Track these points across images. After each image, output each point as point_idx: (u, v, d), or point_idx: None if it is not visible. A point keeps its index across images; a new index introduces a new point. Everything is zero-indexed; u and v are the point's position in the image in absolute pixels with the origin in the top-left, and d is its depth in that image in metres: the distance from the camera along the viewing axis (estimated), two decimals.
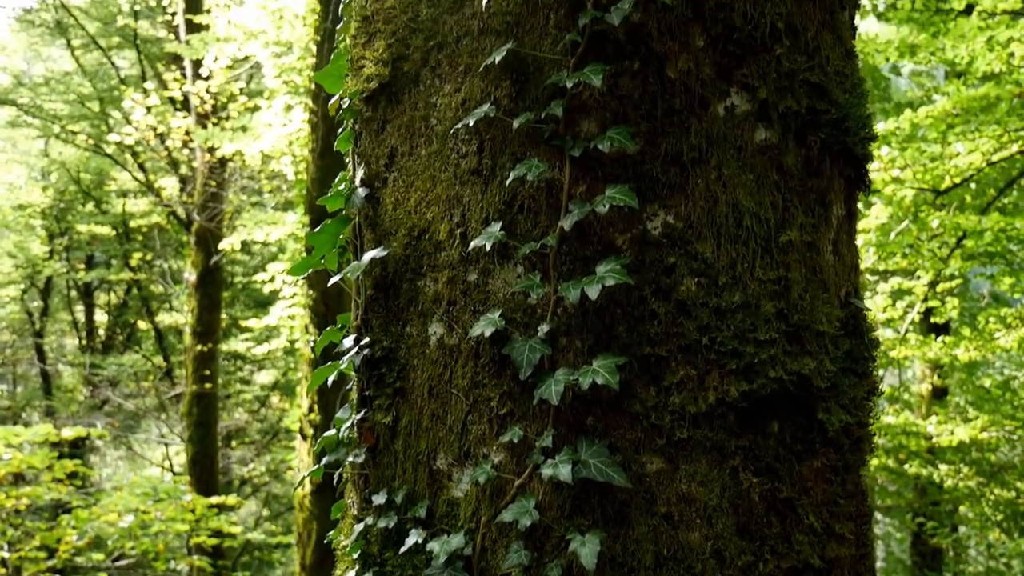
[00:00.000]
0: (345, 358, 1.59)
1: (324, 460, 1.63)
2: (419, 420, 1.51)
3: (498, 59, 1.43)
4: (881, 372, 10.82)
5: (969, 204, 9.39)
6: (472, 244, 1.44)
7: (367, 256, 1.56)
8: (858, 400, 1.48)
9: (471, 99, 1.49)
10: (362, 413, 1.57)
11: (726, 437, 1.38)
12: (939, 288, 9.50)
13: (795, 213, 1.48)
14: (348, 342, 1.61)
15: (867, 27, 9.56)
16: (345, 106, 1.66)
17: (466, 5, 1.51)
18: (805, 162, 1.50)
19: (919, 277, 9.26)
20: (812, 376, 1.41)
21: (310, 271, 1.73)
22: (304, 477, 1.75)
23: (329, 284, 1.85)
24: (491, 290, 1.46)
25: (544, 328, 1.40)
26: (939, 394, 11.41)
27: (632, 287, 1.39)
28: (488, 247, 1.42)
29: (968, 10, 7.74)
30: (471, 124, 1.45)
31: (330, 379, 1.70)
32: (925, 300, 9.26)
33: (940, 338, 8.92)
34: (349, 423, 1.60)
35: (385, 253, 1.55)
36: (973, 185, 9.66)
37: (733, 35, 1.45)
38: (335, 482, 1.62)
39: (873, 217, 8.29)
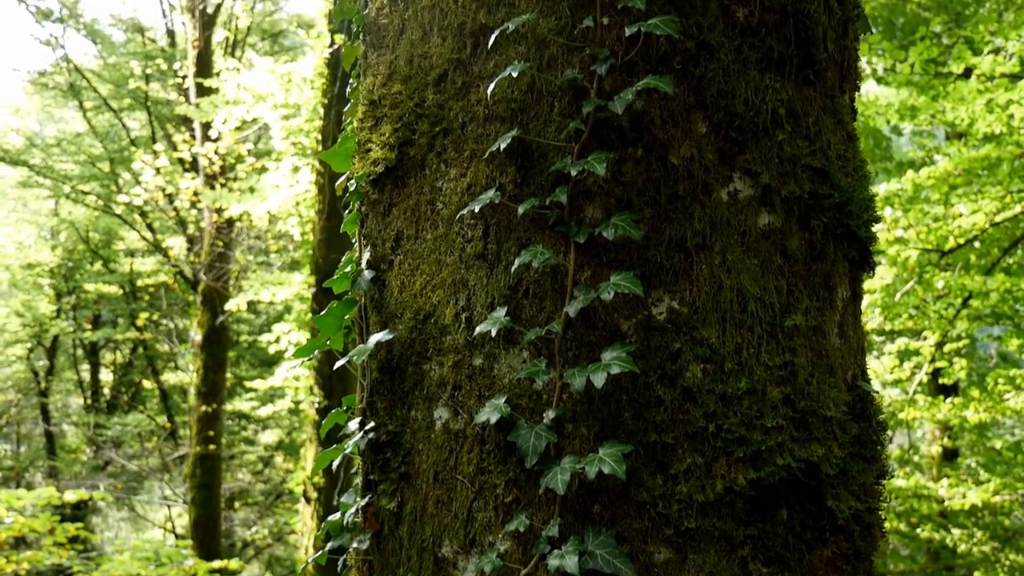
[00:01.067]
0: (350, 442, 1.58)
1: (328, 546, 1.61)
2: (424, 506, 1.49)
3: (503, 146, 1.45)
4: (890, 433, 10.72)
5: (974, 264, 9.39)
6: (477, 330, 1.44)
7: (373, 339, 1.56)
8: (868, 486, 1.46)
9: (476, 184, 1.51)
10: (367, 498, 1.55)
11: (734, 526, 1.36)
12: (946, 349, 9.46)
13: (800, 297, 1.48)
14: (353, 425, 1.60)
15: (867, 88, 9.68)
16: (352, 188, 1.68)
17: (471, 92, 1.53)
18: (809, 246, 1.51)
19: (926, 338, 9.23)
20: (821, 463, 1.40)
21: (311, 327, 1.74)
22: (307, 563, 1.73)
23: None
24: (496, 375, 1.46)
25: (550, 415, 1.39)
26: (950, 455, 11.28)
27: (638, 374, 1.38)
28: (493, 333, 1.42)
29: (967, 73, 7.84)
30: (476, 210, 1.46)
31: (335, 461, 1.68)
32: (932, 361, 9.21)
33: (949, 399, 8.85)
34: (354, 508, 1.58)
35: (391, 337, 1.55)
36: (977, 244, 9.66)
37: (735, 121, 1.47)
38: (339, 569, 1.60)
39: (878, 278, 8.31)
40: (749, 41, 1.49)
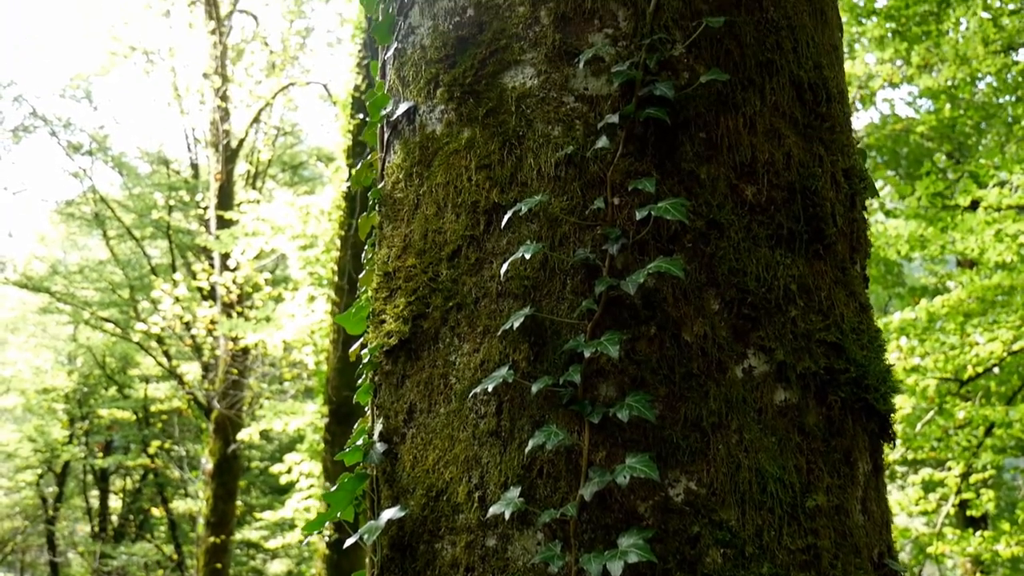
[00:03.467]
0: None
1: None
2: None
3: (516, 324, 1.46)
4: (918, 568, 10.34)
5: (994, 392, 9.27)
6: (490, 511, 1.41)
7: (384, 517, 1.53)
8: None
9: (489, 360, 1.51)
10: None
11: None
12: (972, 479, 9.23)
13: (820, 475, 1.45)
14: None
15: (876, 218, 9.80)
16: (365, 360, 1.68)
17: (485, 268, 1.55)
18: (827, 422, 1.49)
19: (950, 468, 9.02)
20: None
21: (323, 457, 1.70)
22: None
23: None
24: (510, 557, 1.42)
25: None
26: None
27: (656, 562, 1.34)
28: (507, 514, 1.39)
29: (973, 205, 7.95)
30: (490, 389, 1.46)
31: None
32: (959, 492, 8.97)
33: (979, 532, 8.57)
34: None
35: (403, 514, 1.52)
36: (996, 370, 9.56)
37: (747, 298, 1.48)
38: None
39: (897, 407, 8.21)
40: (758, 218, 1.52)
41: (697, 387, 1.43)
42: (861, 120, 12.65)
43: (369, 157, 1.90)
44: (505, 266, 1.50)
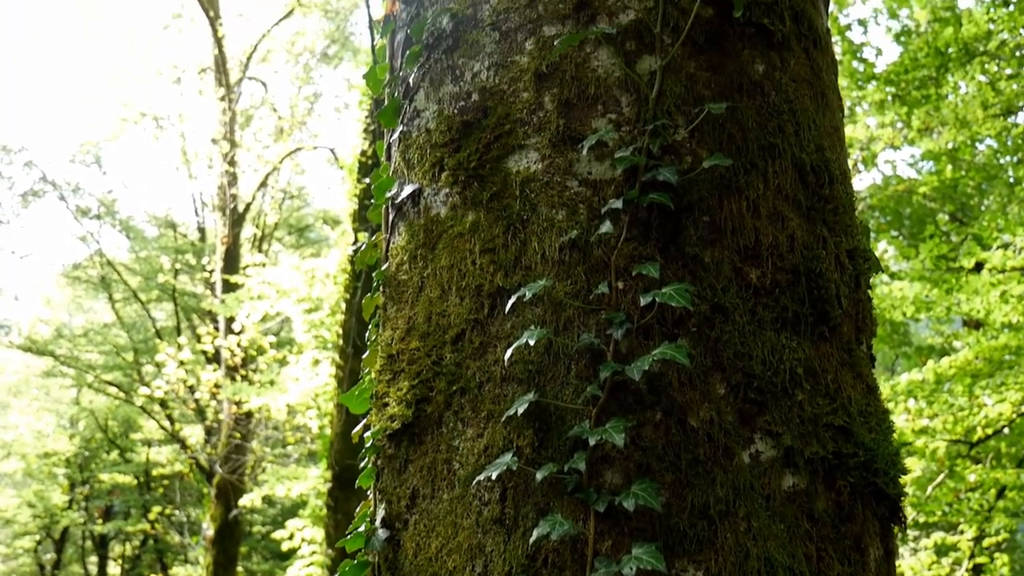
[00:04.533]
0: None
1: None
2: None
3: (520, 410, 1.44)
4: None
5: (1005, 454, 9.16)
6: None
7: None
8: None
9: (493, 446, 1.49)
10: None
11: None
12: (985, 543, 9.07)
13: (831, 563, 1.42)
14: None
15: (881, 279, 9.80)
16: (368, 444, 1.67)
17: (489, 351, 1.55)
18: (836, 507, 1.46)
19: (963, 532, 8.88)
20: None
21: (325, 523, 1.67)
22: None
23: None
24: None
25: None
26: None
27: None
28: None
29: (978, 267, 7.95)
30: (494, 476, 1.44)
31: None
32: (972, 557, 8.81)
33: None
34: None
35: None
36: (1006, 431, 9.46)
37: (753, 383, 1.47)
38: None
39: (906, 486, 8.11)
40: (763, 301, 1.51)
41: (704, 474, 1.41)
42: (864, 181, 12.75)
43: (374, 237, 1.91)
44: (509, 352, 1.49)
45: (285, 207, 17.62)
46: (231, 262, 13.95)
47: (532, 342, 1.45)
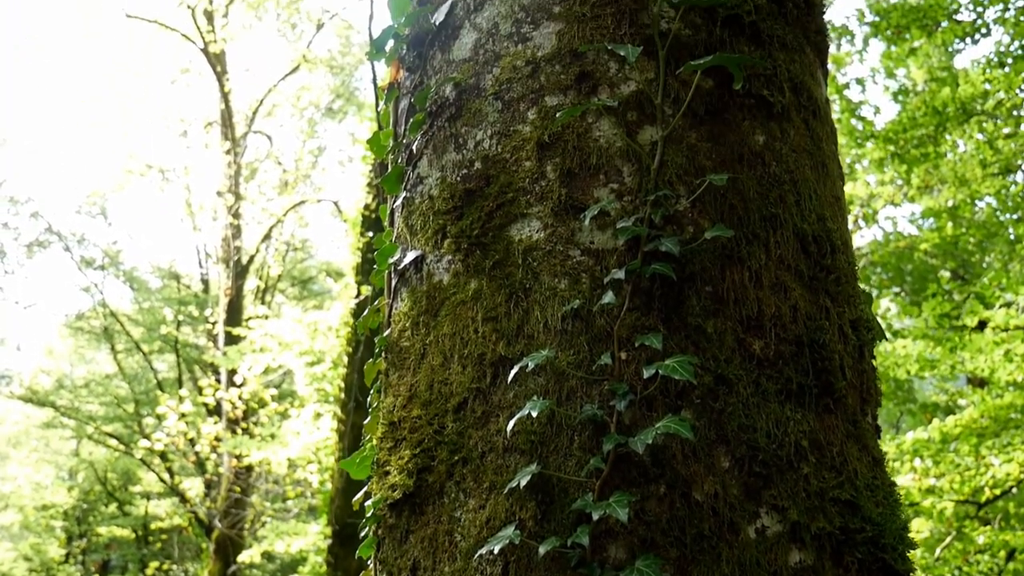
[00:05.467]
0: None
1: None
2: None
3: (523, 482, 1.43)
4: None
5: (1013, 515, 9.04)
6: None
7: None
8: None
9: (495, 518, 1.47)
10: None
11: None
12: None
13: None
14: None
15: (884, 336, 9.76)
16: (369, 513, 1.65)
17: (491, 421, 1.53)
18: None
19: None
20: None
21: None
22: None
23: None
24: None
25: None
26: None
27: None
28: None
29: (981, 326, 7.94)
30: (496, 550, 1.42)
31: None
32: None
33: None
34: None
35: None
36: (1015, 491, 9.35)
37: (758, 455, 1.45)
38: None
39: (914, 531, 7.98)
40: (767, 373, 1.50)
41: (709, 549, 1.39)
42: (865, 238, 12.79)
43: (376, 303, 1.91)
44: (512, 423, 1.48)
45: (288, 259, 17.69)
46: (234, 314, 13.96)
47: (535, 413, 1.43)
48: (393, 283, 1.82)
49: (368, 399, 1.88)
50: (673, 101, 1.63)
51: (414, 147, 1.83)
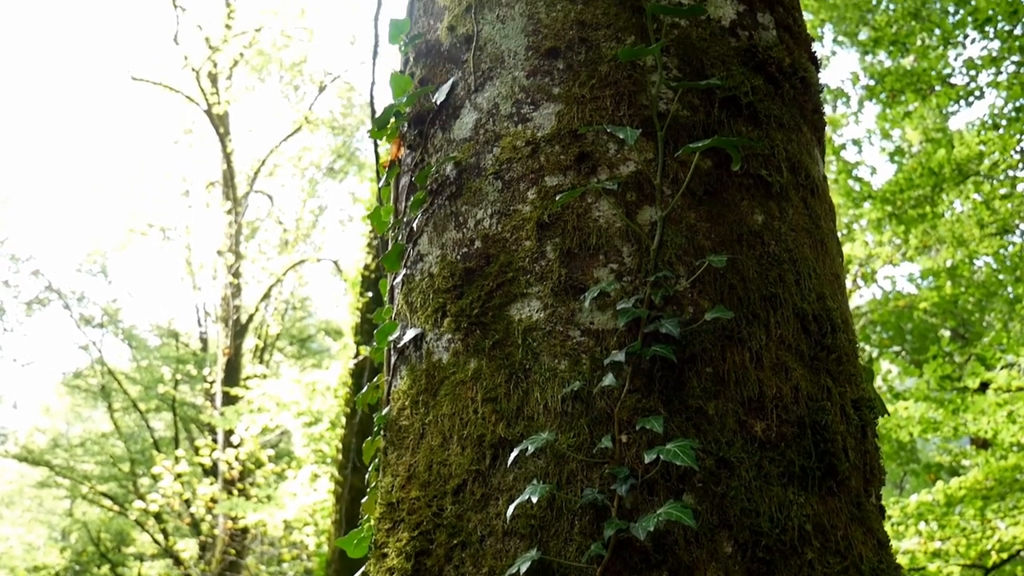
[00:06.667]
0: None
1: None
2: None
3: (523, 568, 1.40)
4: None
5: None
6: None
7: None
8: None
9: None
10: None
11: None
12: None
13: None
14: None
15: (886, 397, 9.72)
16: None
17: (491, 504, 1.52)
18: None
19: None
20: None
21: None
22: None
23: None
24: None
25: None
26: None
27: None
28: None
29: (983, 387, 7.91)
30: None
31: None
32: None
33: None
34: None
35: None
36: (1022, 553, 9.21)
37: (761, 541, 1.43)
38: None
39: None
40: (769, 455, 1.49)
41: None
42: (864, 297, 12.82)
43: (376, 379, 1.90)
44: (511, 508, 1.46)
45: (288, 318, 17.69)
46: (232, 373, 13.90)
47: (535, 499, 1.42)
48: (393, 360, 1.81)
49: (366, 477, 1.86)
50: (672, 181, 1.64)
51: (415, 224, 1.84)
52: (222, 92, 15.25)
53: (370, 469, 1.84)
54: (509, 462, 1.51)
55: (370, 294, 10.35)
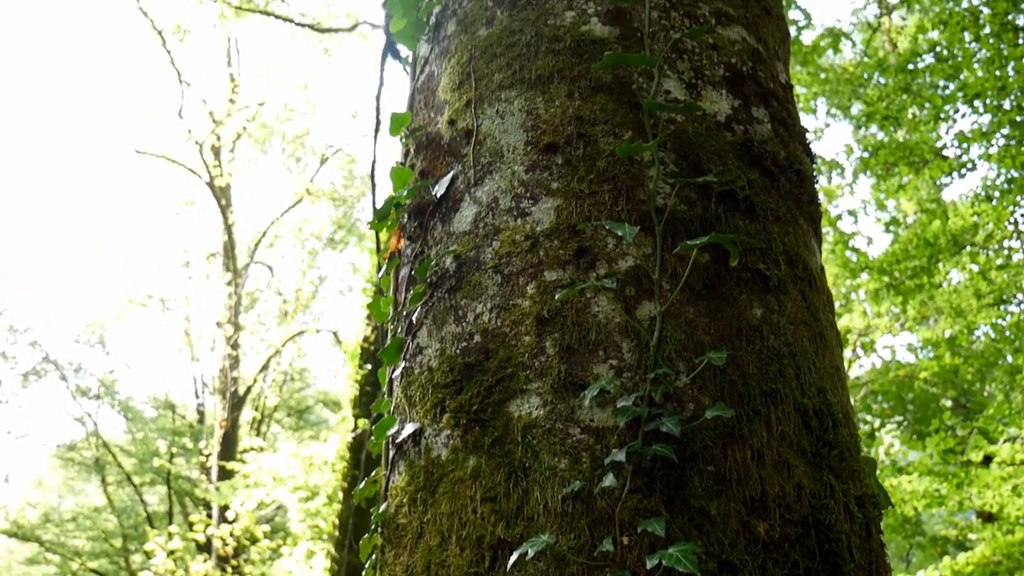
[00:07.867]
0: None
1: None
2: None
3: None
4: None
5: None
6: None
7: None
8: None
9: None
10: None
11: None
12: None
13: None
14: None
15: (886, 464, 9.62)
16: None
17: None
18: None
19: None
20: None
21: None
22: None
23: None
24: None
25: None
26: None
27: None
28: None
29: (987, 460, 7.83)
30: None
31: None
32: None
33: None
34: None
35: None
36: None
37: None
38: None
39: None
40: (773, 557, 1.46)
41: None
42: (864, 367, 12.78)
43: (374, 473, 1.88)
44: None
45: (286, 389, 17.59)
46: (229, 446, 13.77)
47: None
48: (391, 455, 1.79)
49: (363, 574, 1.82)
50: (671, 276, 1.65)
51: (414, 317, 1.84)
52: (225, 164, 15.43)
53: (367, 567, 1.80)
54: (509, 565, 1.48)
55: (369, 366, 10.31)
